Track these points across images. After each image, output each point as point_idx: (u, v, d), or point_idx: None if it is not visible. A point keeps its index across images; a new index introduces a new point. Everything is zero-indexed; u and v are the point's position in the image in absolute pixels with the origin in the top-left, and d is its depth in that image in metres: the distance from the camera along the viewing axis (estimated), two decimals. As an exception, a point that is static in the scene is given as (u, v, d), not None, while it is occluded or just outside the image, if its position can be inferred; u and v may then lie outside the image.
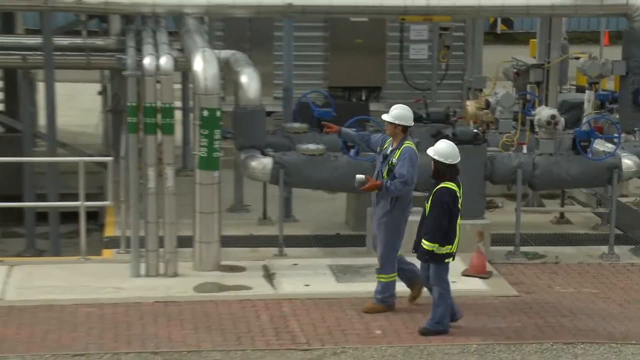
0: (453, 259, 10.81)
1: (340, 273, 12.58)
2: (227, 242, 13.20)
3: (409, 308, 11.48)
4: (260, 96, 13.77)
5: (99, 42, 15.87)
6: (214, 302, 11.56)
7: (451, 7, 15.09)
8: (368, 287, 11.93)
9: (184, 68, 14.45)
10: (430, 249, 10.53)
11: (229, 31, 18.05)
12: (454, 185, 10.60)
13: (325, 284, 12.23)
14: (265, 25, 17.86)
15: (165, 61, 12.46)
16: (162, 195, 12.28)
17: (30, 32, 17.83)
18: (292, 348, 10.44)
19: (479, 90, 16.93)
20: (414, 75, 18.68)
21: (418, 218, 10.98)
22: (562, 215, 15.46)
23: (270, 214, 14.99)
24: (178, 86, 16.35)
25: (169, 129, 12.33)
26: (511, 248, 13.58)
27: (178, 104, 16.34)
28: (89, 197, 13.10)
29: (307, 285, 12.12)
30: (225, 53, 14.54)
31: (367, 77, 18.51)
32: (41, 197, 14.97)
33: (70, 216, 14.49)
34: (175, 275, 12.35)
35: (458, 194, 10.62)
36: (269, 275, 12.48)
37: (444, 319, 10.80)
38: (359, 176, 11.23)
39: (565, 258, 13.54)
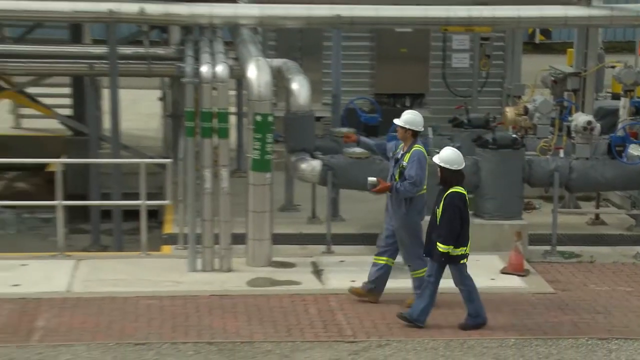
0: (467, 260, 10.69)
1: (385, 269, 12.55)
2: (278, 239, 13.20)
3: (450, 303, 11.38)
4: (310, 102, 13.79)
5: (159, 51, 15.98)
6: (265, 296, 11.58)
7: (492, 18, 15.02)
8: (409, 283, 11.87)
9: (238, 76, 14.50)
10: (446, 250, 10.45)
11: (281, 41, 18.07)
12: (463, 189, 10.54)
13: (370, 280, 12.21)
14: (315, 35, 17.86)
15: (221, 69, 12.50)
16: (217, 195, 12.32)
17: (96, 42, 17.93)
18: (339, 340, 10.43)
19: (518, 97, 16.87)
20: (456, 82, 18.58)
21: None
22: (597, 216, 15.30)
23: (319, 213, 14.99)
24: (233, 93, 16.40)
25: (224, 133, 12.38)
26: (548, 247, 13.47)
27: (233, 109, 16.43)
28: (149, 197, 13.20)
29: (353, 280, 12.06)
30: (277, 61, 14.57)
31: (411, 85, 18.45)
32: (105, 196, 15.08)
33: (132, 214, 14.57)
34: (230, 270, 12.38)
35: (467, 197, 10.57)
36: (317, 271, 12.48)
37: (480, 310, 10.73)
38: (371, 179, 11.20)
39: (600, 257, 13.40)
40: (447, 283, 11.53)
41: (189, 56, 13.79)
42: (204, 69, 12.47)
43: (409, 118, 11.13)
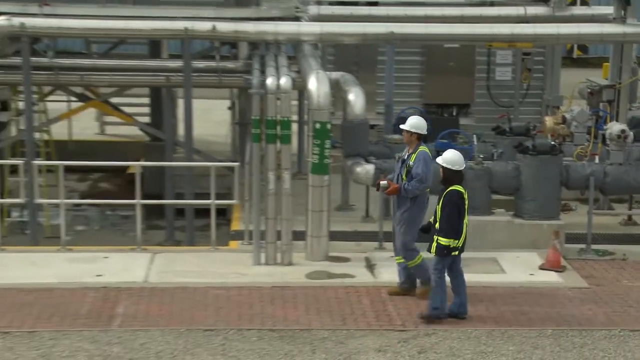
0: (458, 253, 10.57)
1: (431, 263, 12.45)
2: (335, 236, 13.20)
3: (492, 295, 11.33)
4: (365, 111, 13.77)
5: (229, 65, 16.05)
6: (322, 287, 11.59)
7: (533, 35, 14.91)
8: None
9: (300, 87, 14.53)
10: (447, 244, 10.39)
11: (339, 55, 18.07)
12: (462, 188, 10.47)
13: (418, 274, 12.14)
14: (370, 50, 17.83)
15: (284, 81, 12.54)
16: (280, 195, 12.35)
17: (172, 56, 18.09)
18: (389, 329, 10.40)
19: (557, 107, 16.69)
20: (499, 94, 18.43)
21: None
22: (629, 217, 15.06)
23: (372, 212, 14.95)
24: (295, 102, 16.45)
25: (286, 139, 12.41)
26: (583, 246, 13.28)
27: (294, 117, 16.46)
28: (218, 197, 13.28)
29: (403, 274, 12.06)
30: (335, 74, 14.58)
31: (457, 96, 18.35)
32: (179, 196, 15.18)
33: (203, 212, 14.68)
34: (290, 264, 12.41)
35: (465, 196, 10.48)
36: (370, 266, 12.45)
37: (444, 303, 10.56)
38: (383, 182, 11.23)
39: (632, 255, 13.18)
40: (486, 277, 11.49)
41: (255, 69, 13.86)
42: (269, 81, 12.52)
43: (414, 123, 11.19)
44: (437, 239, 10.42)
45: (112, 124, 21.59)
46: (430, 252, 10.61)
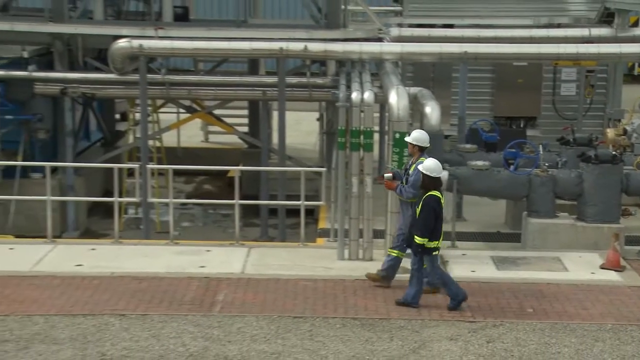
0: (439, 252, 10.52)
1: (500, 262, 12.27)
2: (412, 235, 13.09)
3: (555, 292, 11.07)
4: (440, 123, 13.63)
5: (318, 80, 16.13)
6: (399, 280, 11.45)
7: (597, 54, 14.59)
8: (521, 274, 11.64)
9: (381, 101, 14.48)
10: (421, 242, 10.31)
11: (417, 72, 17.98)
12: (439, 193, 10.36)
13: (487, 271, 11.95)
14: (445, 67, 17.69)
15: (368, 95, 12.52)
16: (362, 197, 12.30)
17: (268, 73, 18.26)
18: (460, 320, 10.26)
19: (618, 120, 16.25)
20: (564, 108, 18.08)
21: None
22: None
23: (445, 214, 14.70)
24: (377, 114, 16.40)
25: (369, 147, 12.37)
26: (642, 247, 12.93)
27: (376, 128, 16.41)
28: (307, 198, 13.30)
29: (473, 271, 11.89)
30: (414, 89, 14.47)
31: (525, 109, 18.08)
32: (273, 197, 15.30)
33: (293, 212, 14.76)
34: (371, 259, 12.33)
35: (442, 201, 10.35)
36: (443, 262, 12.30)
37: (458, 289, 10.49)
38: (387, 174, 11.26)
39: (687, 257, 12.76)
40: (550, 275, 11.24)
41: (342, 85, 13.87)
42: (354, 95, 12.51)
43: (416, 136, 11.07)
44: (414, 237, 10.39)
45: (215, 132, 21.89)
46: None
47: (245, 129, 19.57)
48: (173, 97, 16.59)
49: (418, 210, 10.42)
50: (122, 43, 15.00)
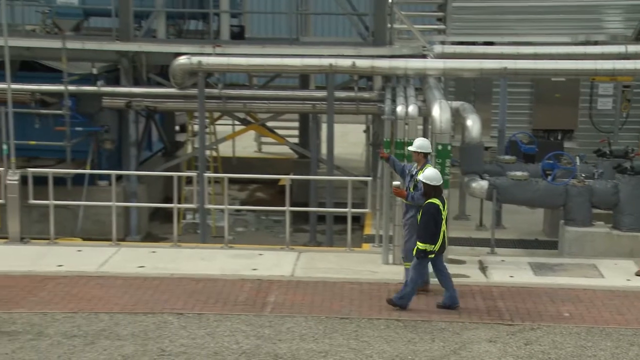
0: (434, 256, 10.34)
1: (537, 269, 12.10)
2: (452, 241, 13.00)
3: (591, 297, 10.88)
4: (480, 135, 13.52)
5: (365, 95, 16.11)
6: (438, 285, 11.39)
7: (633, 69, 14.34)
8: (558, 280, 11.46)
9: (425, 114, 14.40)
10: (424, 248, 10.21)
11: (459, 87, 17.85)
12: (438, 201, 10.29)
13: (525, 276, 11.79)
14: (486, 82, 17.54)
15: (412, 109, 12.47)
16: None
17: (318, 87, 18.30)
18: (499, 322, 10.14)
19: (653, 133, 15.92)
20: (600, 121, 17.77)
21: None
22: None
23: (485, 222, 14.67)
24: (420, 127, 16.30)
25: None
26: (676, 256, 12.63)
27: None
28: (354, 206, 13.26)
29: (512, 276, 11.74)
30: (456, 103, 14.39)
31: (562, 122, 17.80)
32: (321, 204, 15.31)
33: (340, 219, 14.75)
34: (414, 264, 12.27)
35: (441, 207, 10.27)
36: (483, 268, 12.19)
37: (410, 295, 10.40)
38: (396, 183, 11.19)
39: None
40: (586, 281, 11.04)
41: (387, 99, 13.84)
42: (399, 108, 12.47)
43: (420, 144, 10.96)
44: (417, 243, 10.31)
45: (267, 143, 22.00)
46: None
47: (296, 140, 19.63)
48: (229, 110, 16.72)
49: (419, 217, 10.41)
50: (182, 60, 15.17)
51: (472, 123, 13.44)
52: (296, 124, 20.11)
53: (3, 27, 13.13)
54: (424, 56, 15.81)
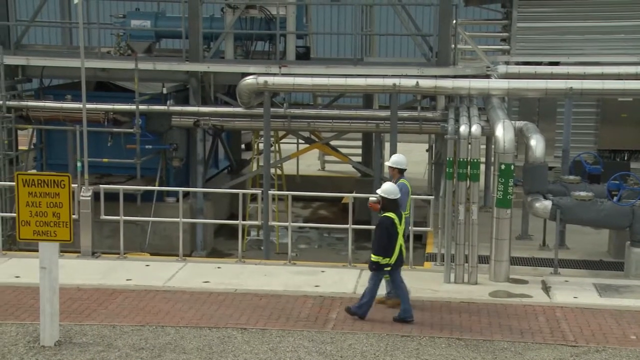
0: (391, 269, 10.47)
1: (603, 290, 11.83)
2: (515, 261, 12.84)
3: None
4: (544, 155, 13.34)
5: (428, 114, 16.07)
6: (503, 304, 11.26)
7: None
8: (624, 302, 11.19)
9: (488, 133, 14.31)
10: (377, 260, 10.35)
11: (522, 107, 17.66)
12: (394, 214, 10.38)
13: (590, 297, 11.55)
14: (550, 102, 17.31)
15: (475, 128, 12.39)
16: (468, 224, 12.15)
17: (381, 107, 18.33)
18: (562, 344, 9.94)
19: None
20: (668, 141, 17.38)
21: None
22: None
23: (548, 242, 14.44)
24: (483, 146, 16.18)
25: (475, 177, 12.22)
26: None
27: (482, 159, 16.19)
28: (416, 224, 13.21)
29: (576, 297, 11.51)
30: (519, 123, 14.23)
31: (629, 142, 17.46)
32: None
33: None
34: (476, 283, 12.15)
35: (396, 221, 10.36)
36: (546, 288, 11.99)
37: (366, 307, 10.49)
38: (372, 198, 11.12)
39: None
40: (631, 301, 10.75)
41: (450, 118, 13.78)
42: (462, 128, 12.40)
43: (396, 160, 11.18)
44: (370, 256, 10.39)
45: (331, 162, 22.05)
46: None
47: (359, 158, 19.64)
48: (294, 129, 16.87)
49: (373, 231, 10.50)
50: (249, 79, 15.39)
51: (536, 143, 13.28)
52: (359, 143, 20.14)
53: (80, 49, 13.55)
54: (487, 76, 15.71)
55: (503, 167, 12.04)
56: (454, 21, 16.30)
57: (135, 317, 10.56)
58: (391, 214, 10.43)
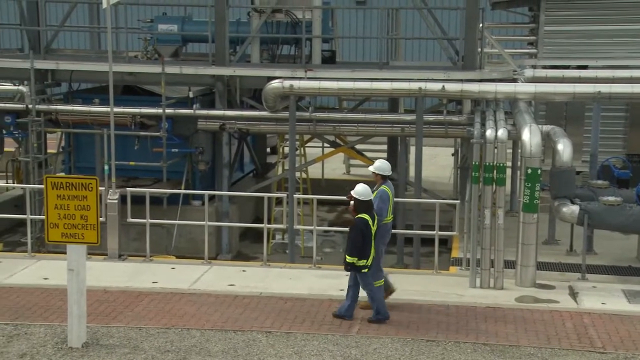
0: (369, 270, 10.42)
1: (632, 296, 11.70)
2: (541, 266, 12.75)
3: (687, 328, 10.46)
4: (571, 159, 13.23)
5: (454, 118, 16.01)
6: (530, 310, 11.18)
7: None
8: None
9: (514, 138, 14.22)
10: (351, 261, 10.35)
11: (549, 111, 17.54)
12: (367, 216, 10.36)
13: (618, 304, 11.43)
14: (578, 106, 17.17)
15: (501, 132, 12.33)
16: (494, 229, 12.08)
17: (407, 111, 18.28)
18: (590, 350, 9.85)
19: None
20: (698, 145, 17.17)
21: None
22: None
23: (575, 247, 14.31)
24: (509, 150, 16.09)
25: (501, 182, 12.16)
26: None
27: (509, 163, 16.11)
28: (441, 228, 13.17)
29: (604, 303, 11.40)
30: (546, 127, 14.11)
31: (659, 147, 17.29)
32: (408, 227, 15.23)
33: (428, 241, 14.64)
34: (502, 288, 12.07)
35: (370, 223, 10.33)
36: (573, 294, 11.88)
37: (382, 309, 10.61)
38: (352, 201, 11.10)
39: None
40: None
41: (477, 122, 13.72)
42: (489, 132, 12.35)
43: (378, 166, 11.09)
44: (345, 257, 10.42)
45: (356, 166, 22.05)
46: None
47: (385, 163, 19.57)
48: (319, 132, 16.88)
49: (349, 232, 10.51)
50: (275, 83, 15.44)
51: (563, 147, 13.17)
52: (384, 147, 20.10)
53: (109, 53, 13.67)
54: (514, 80, 15.62)
55: (529, 171, 11.97)
56: (481, 25, 16.23)
57: (161, 320, 10.62)
58: (364, 215, 10.45)
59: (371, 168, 11.30)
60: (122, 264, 13.15)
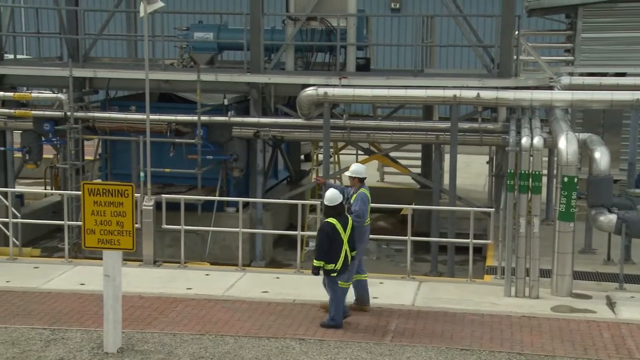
0: (337, 275, 10.44)
1: (671, 307, 11.54)
2: (578, 275, 12.60)
3: None
4: (609, 168, 13.06)
5: (489, 126, 15.91)
6: (566, 320, 11.05)
7: None
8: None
9: (550, 145, 14.09)
10: (318, 265, 10.39)
11: (586, 119, 17.34)
12: (335, 220, 10.41)
13: (657, 315, 11.28)
14: (615, 114, 16.95)
15: (537, 140, 12.23)
16: (529, 238, 11.98)
17: (441, 118, 18.22)
18: (627, 361, 9.72)
19: None
20: None
21: None
22: None
23: (613, 256, 14.11)
24: (545, 158, 15.93)
25: (537, 190, 12.05)
26: None
27: (544, 171, 15.94)
28: (476, 237, 13.09)
29: (642, 314, 11.25)
30: (583, 135, 13.96)
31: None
32: (443, 235, 15.15)
33: (462, 249, 14.54)
34: (537, 297, 11.96)
35: (337, 227, 10.38)
36: (610, 304, 11.72)
37: (337, 316, 10.57)
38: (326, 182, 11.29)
39: None
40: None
41: (512, 130, 13.62)
42: (524, 140, 12.26)
43: (355, 169, 11.18)
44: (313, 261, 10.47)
45: (390, 173, 21.99)
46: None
47: (418, 170, 19.53)
48: (353, 140, 16.87)
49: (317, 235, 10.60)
50: (309, 91, 15.48)
51: (600, 155, 13.02)
52: (419, 155, 20.04)
53: (145, 62, 13.82)
54: (550, 87, 15.48)
55: (566, 179, 11.84)
56: (517, 32, 16.12)
57: (195, 326, 10.68)
58: (332, 220, 10.47)
59: (347, 173, 11.38)
60: (157, 270, 13.25)
